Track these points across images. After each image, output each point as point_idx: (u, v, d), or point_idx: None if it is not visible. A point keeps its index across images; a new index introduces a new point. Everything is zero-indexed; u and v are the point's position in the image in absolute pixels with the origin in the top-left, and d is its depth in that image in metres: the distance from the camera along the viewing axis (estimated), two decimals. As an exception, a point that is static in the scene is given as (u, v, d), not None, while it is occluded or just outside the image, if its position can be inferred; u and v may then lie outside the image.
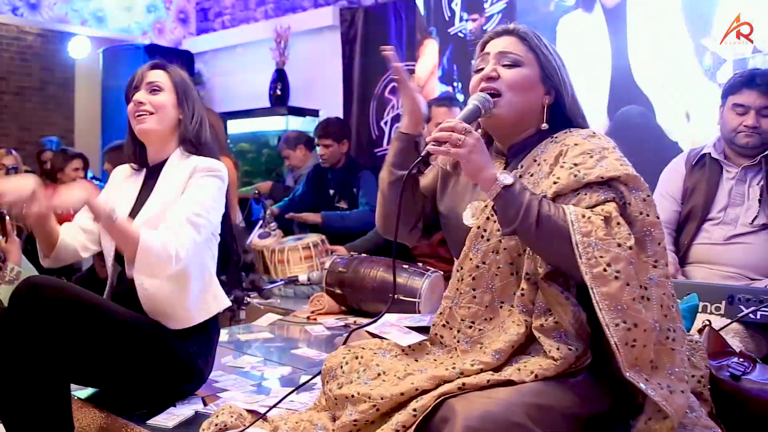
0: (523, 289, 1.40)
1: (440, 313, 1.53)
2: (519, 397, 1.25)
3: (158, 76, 1.91)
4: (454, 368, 1.36)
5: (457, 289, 1.50)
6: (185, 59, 5.89)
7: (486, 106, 1.47)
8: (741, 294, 2.10)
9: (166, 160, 1.91)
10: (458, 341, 1.46)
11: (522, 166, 1.49)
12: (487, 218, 1.47)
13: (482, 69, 1.52)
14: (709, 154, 2.48)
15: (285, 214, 3.94)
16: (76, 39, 5.82)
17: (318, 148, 4.01)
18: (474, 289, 1.46)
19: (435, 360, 1.47)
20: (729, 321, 2.04)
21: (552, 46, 1.56)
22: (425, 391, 1.33)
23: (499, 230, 1.43)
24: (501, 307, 1.44)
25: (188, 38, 6.23)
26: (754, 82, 2.37)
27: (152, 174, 1.93)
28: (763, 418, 1.56)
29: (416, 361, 1.48)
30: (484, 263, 1.46)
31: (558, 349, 1.33)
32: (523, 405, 1.24)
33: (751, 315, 2.05)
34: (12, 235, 2.66)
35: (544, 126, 1.51)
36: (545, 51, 1.52)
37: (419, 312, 2.63)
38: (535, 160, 1.48)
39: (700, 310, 2.06)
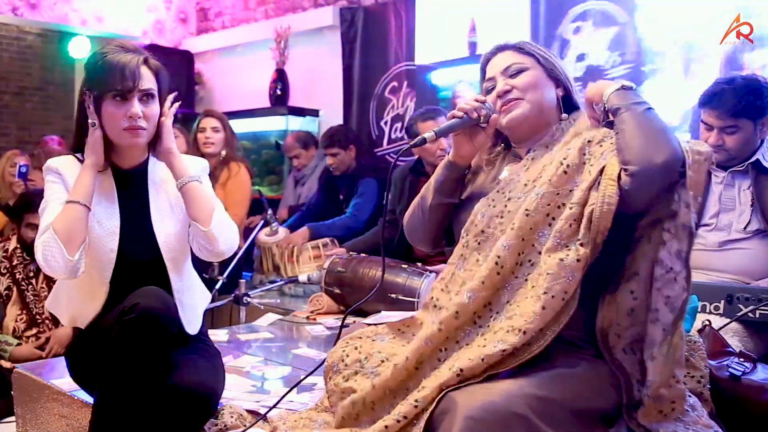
0: (513, 224, 1.43)
1: (441, 278, 1.57)
2: (520, 389, 1.26)
3: (151, 81, 1.72)
4: (442, 351, 1.40)
5: (462, 254, 1.54)
6: (185, 59, 5.89)
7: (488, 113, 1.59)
8: (740, 293, 2.10)
9: (143, 164, 1.81)
10: (453, 302, 1.48)
11: (534, 150, 1.58)
12: (497, 191, 1.54)
13: (491, 89, 1.62)
14: None
15: (298, 227, 3.83)
16: (76, 39, 5.80)
17: (326, 158, 4.02)
18: (479, 253, 1.50)
19: (432, 324, 1.48)
20: (728, 320, 2.04)
21: (547, 49, 1.66)
22: (419, 364, 1.37)
23: (506, 197, 1.51)
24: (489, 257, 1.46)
25: (188, 38, 6.23)
26: (711, 103, 2.30)
27: (128, 178, 1.79)
28: (763, 418, 1.57)
29: (413, 335, 1.51)
30: (489, 227, 1.50)
31: (545, 293, 1.33)
32: (524, 396, 1.24)
33: (750, 314, 2.06)
34: None
35: (564, 116, 1.61)
36: (541, 52, 1.62)
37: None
38: (547, 146, 1.56)
39: (699, 310, 2.06)
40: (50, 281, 3.12)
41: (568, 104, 1.63)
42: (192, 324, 1.82)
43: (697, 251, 2.38)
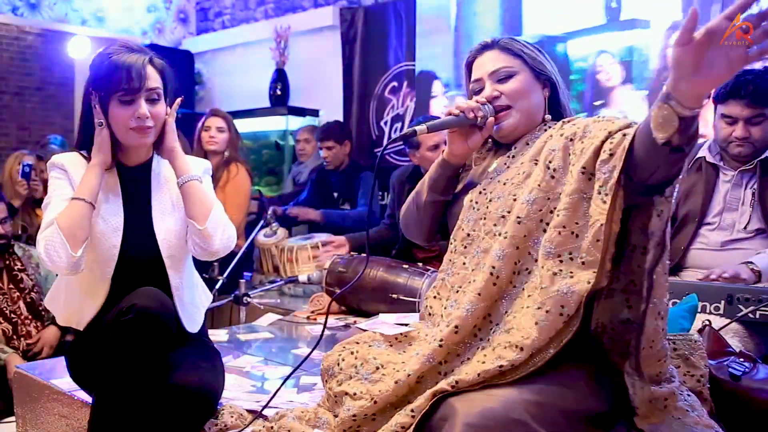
0: (506, 232, 1.42)
1: (433, 287, 1.58)
2: (519, 395, 1.26)
3: (157, 80, 1.72)
4: (441, 345, 1.39)
5: (450, 260, 1.56)
6: (185, 59, 5.90)
7: (485, 114, 1.58)
8: (740, 294, 2.10)
9: (148, 162, 1.81)
10: (445, 308, 1.50)
11: (515, 147, 1.60)
12: (480, 192, 1.56)
13: (479, 90, 1.62)
14: (704, 158, 2.45)
15: (289, 215, 3.95)
16: (76, 39, 5.81)
17: (321, 152, 4.05)
18: (465, 257, 1.52)
19: (426, 336, 1.50)
20: (728, 321, 2.04)
21: (532, 44, 1.65)
22: (420, 378, 1.36)
23: (488, 198, 1.53)
24: (483, 266, 1.46)
25: (188, 38, 6.23)
26: (739, 94, 2.29)
27: (133, 175, 1.80)
28: (763, 418, 1.56)
29: (410, 345, 1.51)
30: (474, 230, 1.52)
31: (539, 308, 1.32)
32: (523, 402, 1.24)
33: (750, 314, 2.05)
34: None
35: (548, 117, 1.62)
36: (528, 51, 1.62)
37: (419, 311, 2.63)
38: (527, 143, 1.59)
39: (699, 310, 2.06)
40: (16, 279, 3.08)
41: (553, 103, 1.64)
42: (193, 322, 1.82)
43: (700, 250, 2.39)
